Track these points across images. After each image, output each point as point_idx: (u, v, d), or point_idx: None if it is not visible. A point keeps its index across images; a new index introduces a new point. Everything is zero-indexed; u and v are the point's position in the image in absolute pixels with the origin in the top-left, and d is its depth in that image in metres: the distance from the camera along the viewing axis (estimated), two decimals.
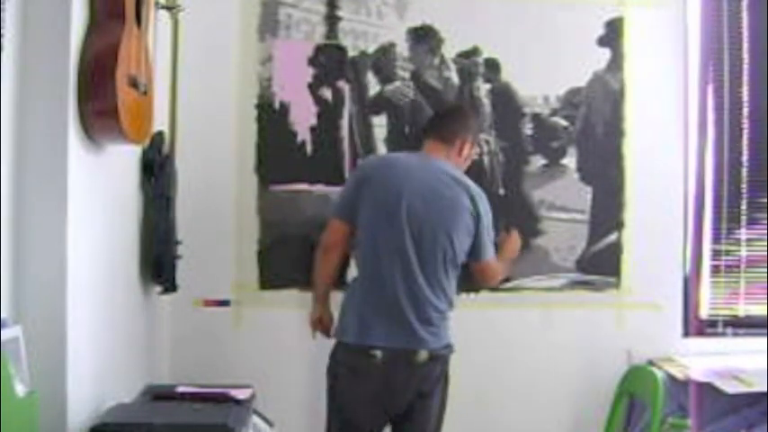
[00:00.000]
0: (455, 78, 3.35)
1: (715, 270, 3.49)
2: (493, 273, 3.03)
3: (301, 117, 3.28)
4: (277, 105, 3.28)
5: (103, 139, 2.23)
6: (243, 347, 3.25)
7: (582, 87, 3.40)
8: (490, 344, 3.35)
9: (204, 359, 3.18)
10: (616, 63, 3.40)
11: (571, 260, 3.40)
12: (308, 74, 3.29)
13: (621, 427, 3.31)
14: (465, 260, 2.90)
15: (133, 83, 2.21)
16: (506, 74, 3.36)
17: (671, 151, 3.43)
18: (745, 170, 3.47)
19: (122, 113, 2.12)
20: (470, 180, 2.93)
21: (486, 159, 3.37)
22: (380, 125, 3.32)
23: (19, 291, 1.97)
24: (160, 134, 2.88)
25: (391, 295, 2.77)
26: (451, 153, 2.94)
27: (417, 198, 2.79)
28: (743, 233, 3.48)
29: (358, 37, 3.31)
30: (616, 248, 3.41)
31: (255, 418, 2.65)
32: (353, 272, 2.97)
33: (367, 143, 3.31)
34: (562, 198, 3.40)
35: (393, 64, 3.33)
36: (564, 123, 3.40)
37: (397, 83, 3.33)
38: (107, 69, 2.08)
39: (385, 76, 3.32)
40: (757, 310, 3.49)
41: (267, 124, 3.27)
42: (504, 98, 3.38)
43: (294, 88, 3.28)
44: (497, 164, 3.37)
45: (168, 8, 2.84)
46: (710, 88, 3.45)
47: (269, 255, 3.27)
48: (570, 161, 3.40)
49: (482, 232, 2.88)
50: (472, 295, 3.34)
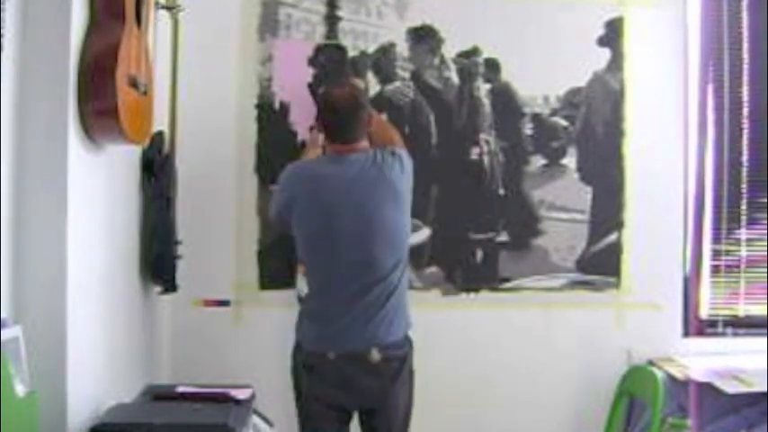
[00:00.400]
0: (455, 78, 3.35)
1: (715, 270, 3.49)
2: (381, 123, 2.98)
3: (301, 117, 3.27)
4: (277, 105, 3.28)
5: (103, 139, 2.23)
6: (243, 347, 3.24)
7: (582, 87, 3.39)
8: (490, 344, 3.34)
9: (204, 359, 3.18)
10: (616, 63, 3.40)
11: (571, 260, 3.40)
12: (308, 74, 3.29)
13: (621, 427, 3.31)
14: None
15: (133, 83, 2.21)
16: (506, 74, 3.36)
17: (671, 151, 3.43)
18: (745, 170, 3.47)
19: (122, 113, 2.12)
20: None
21: (486, 159, 3.37)
22: None
23: (19, 291, 1.97)
24: (160, 134, 2.88)
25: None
26: (360, 144, 2.83)
27: (346, 213, 2.72)
28: (743, 233, 3.48)
29: (358, 37, 3.31)
30: (616, 248, 3.41)
31: (255, 418, 2.66)
32: None
33: None
34: (562, 198, 3.40)
35: (393, 64, 3.33)
36: (564, 123, 3.40)
37: (397, 83, 3.33)
38: (107, 69, 2.09)
39: (385, 76, 3.32)
40: (757, 310, 3.49)
41: (267, 124, 3.27)
42: (504, 98, 3.37)
43: (294, 88, 3.27)
44: (497, 164, 3.37)
45: (168, 8, 2.84)
46: (710, 88, 3.45)
47: (269, 255, 3.27)
48: (570, 161, 3.40)
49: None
50: (472, 295, 3.35)
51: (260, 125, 3.27)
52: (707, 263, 3.48)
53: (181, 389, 2.53)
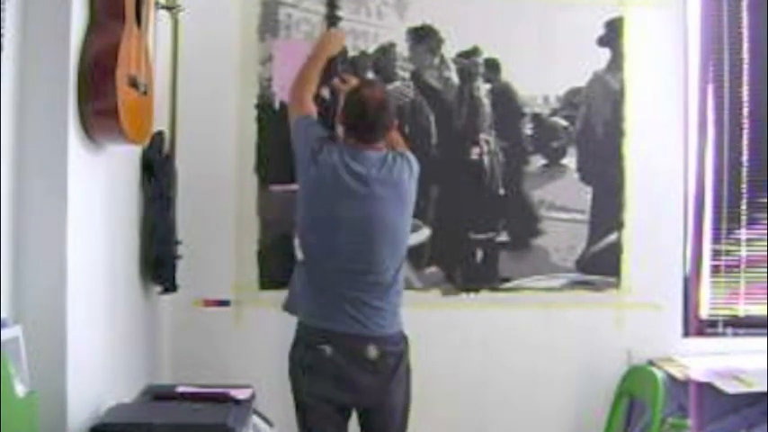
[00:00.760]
0: (455, 78, 3.35)
1: (715, 270, 3.49)
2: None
3: None
4: (277, 105, 3.27)
5: (103, 139, 2.23)
6: (243, 347, 3.24)
7: (582, 87, 3.39)
8: (490, 344, 3.35)
9: (204, 359, 3.18)
10: (616, 63, 3.40)
11: (571, 260, 3.40)
12: None
13: (621, 428, 3.31)
14: None
15: (133, 83, 2.21)
16: (506, 74, 3.36)
17: (671, 151, 3.43)
18: (745, 170, 3.47)
19: (122, 113, 2.12)
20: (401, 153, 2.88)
21: (486, 159, 3.37)
22: None
23: (19, 291, 1.97)
24: (160, 134, 2.88)
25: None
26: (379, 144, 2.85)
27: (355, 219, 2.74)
28: (743, 233, 3.48)
29: (358, 37, 3.31)
30: (616, 248, 3.41)
31: (255, 418, 2.66)
32: None
33: None
34: (562, 198, 3.40)
35: (393, 64, 3.33)
36: (564, 123, 3.40)
37: (397, 83, 3.33)
38: (107, 69, 2.09)
39: (385, 76, 3.32)
40: (757, 310, 3.49)
41: (267, 124, 3.27)
42: (504, 98, 3.38)
43: None
44: (497, 164, 3.37)
45: (168, 8, 2.85)
46: (710, 88, 3.45)
47: (269, 255, 3.27)
48: (570, 161, 3.40)
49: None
50: (472, 295, 3.35)
51: (260, 125, 3.27)
52: (707, 263, 3.48)
53: (181, 389, 2.53)
